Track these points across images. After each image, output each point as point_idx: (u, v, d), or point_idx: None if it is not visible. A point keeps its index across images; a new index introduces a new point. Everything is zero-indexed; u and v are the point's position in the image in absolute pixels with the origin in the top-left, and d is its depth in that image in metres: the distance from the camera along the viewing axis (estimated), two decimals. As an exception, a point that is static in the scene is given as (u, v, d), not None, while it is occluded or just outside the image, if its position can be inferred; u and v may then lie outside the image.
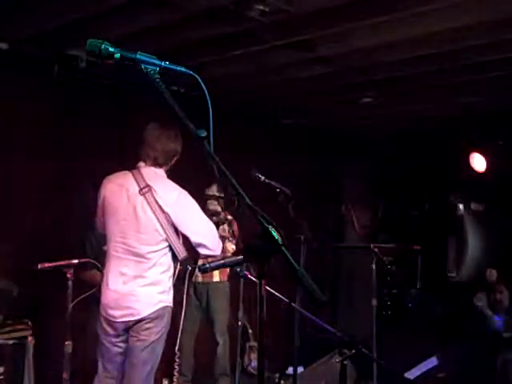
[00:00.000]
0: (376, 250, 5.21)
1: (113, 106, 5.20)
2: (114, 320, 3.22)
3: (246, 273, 3.17)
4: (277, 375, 5.23)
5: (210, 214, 4.85)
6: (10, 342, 4.14)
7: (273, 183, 4.03)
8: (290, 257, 1.57)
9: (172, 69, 1.76)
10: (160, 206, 3.22)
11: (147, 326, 3.21)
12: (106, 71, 4.84)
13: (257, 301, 1.61)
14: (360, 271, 6.71)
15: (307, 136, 7.19)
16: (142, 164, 3.33)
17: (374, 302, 5.20)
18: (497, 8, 3.52)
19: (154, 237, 3.23)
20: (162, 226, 3.22)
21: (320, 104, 6.25)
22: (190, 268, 3.85)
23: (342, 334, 3.26)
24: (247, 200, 1.59)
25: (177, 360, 3.86)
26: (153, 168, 3.32)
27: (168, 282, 3.31)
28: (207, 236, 3.36)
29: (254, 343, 5.88)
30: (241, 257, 2.34)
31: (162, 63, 1.74)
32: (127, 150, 3.83)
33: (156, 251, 3.24)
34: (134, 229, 3.23)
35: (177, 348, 3.81)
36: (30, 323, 4.16)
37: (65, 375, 2.99)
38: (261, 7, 3.56)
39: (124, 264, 3.24)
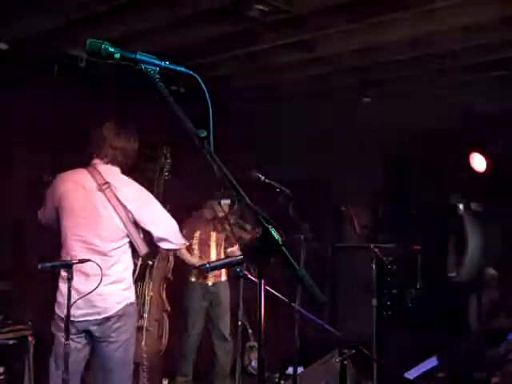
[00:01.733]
0: (376, 250, 5.21)
1: (113, 105, 5.20)
2: (73, 319, 3.12)
3: (246, 273, 3.17)
4: (277, 375, 5.23)
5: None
6: (10, 342, 4.14)
7: (273, 183, 4.03)
8: (289, 257, 1.57)
9: (172, 69, 1.76)
10: (121, 202, 3.19)
11: (116, 325, 3.18)
12: (107, 71, 4.85)
13: (257, 301, 1.62)
14: (360, 271, 6.71)
15: (307, 136, 7.18)
16: (98, 161, 3.29)
17: (374, 302, 5.20)
18: (497, 8, 3.52)
19: (115, 233, 3.20)
20: (123, 222, 3.19)
21: (319, 104, 6.25)
22: (150, 263, 3.85)
23: (341, 334, 3.26)
24: (247, 200, 1.59)
25: (145, 363, 3.88)
26: (110, 166, 3.29)
27: (130, 279, 3.30)
28: (169, 230, 3.35)
29: (253, 343, 5.89)
30: (241, 257, 2.35)
31: (162, 63, 1.74)
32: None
33: (117, 248, 3.21)
34: (94, 226, 3.19)
35: (144, 351, 3.84)
36: (30, 323, 4.16)
37: (65, 375, 2.98)
38: (261, 7, 3.56)
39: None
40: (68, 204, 3.25)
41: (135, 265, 3.41)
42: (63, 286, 3.20)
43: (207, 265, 2.55)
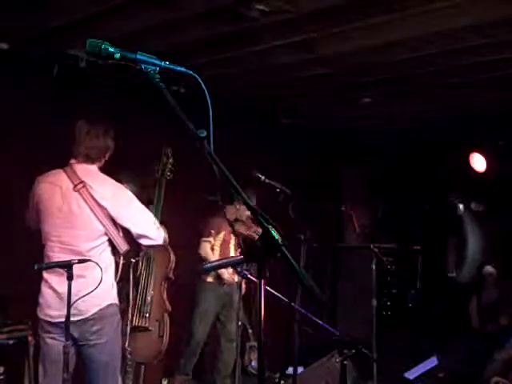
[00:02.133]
0: (376, 250, 5.21)
1: (113, 106, 5.19)
2: (51, 320, 3.14)
3: (246, 273, 3.17)
4: (277, 375, 5.23)
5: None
6: (10, 341, 4.14)
7: (273, 183, 4.04)
8: (290, 257, 1.57)
9: (172, 69, 1.76)
10: (96, 201, 3.19)
11: (94, 328, 3.16)
12: (107, 71, 4.85)
13: (256, 301, 1.62)
14: (360, 271, 6.71)
15: (307, 136, 7.18)
16: (73, 161, 3.31)
17: (374, 302, 5.21)
18: (497, 8, 3.52)
19: (92, 232, 3.20)
20: (99, 220, 3.18)
21: (320, 104, 6.25)
22: (133, 261, 3.83)
23: (341, 334, 3.25)
24: (247, 200, 1.60)
25: (129, 356, 3.87)
26: (85, 165, 3.29)
27: (110, 279, 3.28)
28: (147, 226, 3.34)
29: (253, 343, 5.88)
30: (241, 257, 2.35)
31: (162, 63, 1.74)
32: (127, 150, 3.84)
33: (95, 247, 3.20)
34: (70, 226, 3.19)
35: (127, 344, 3.84)
36: (30, 323, 4.16)
37: (65, 375, 2.98)
38: (261, 7, 3.56)
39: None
40: (46, 205, 3.26)
41: (117, 264, 3.38)
42: (44, 288, 3.22)
43: (208, 265, 2.55)
